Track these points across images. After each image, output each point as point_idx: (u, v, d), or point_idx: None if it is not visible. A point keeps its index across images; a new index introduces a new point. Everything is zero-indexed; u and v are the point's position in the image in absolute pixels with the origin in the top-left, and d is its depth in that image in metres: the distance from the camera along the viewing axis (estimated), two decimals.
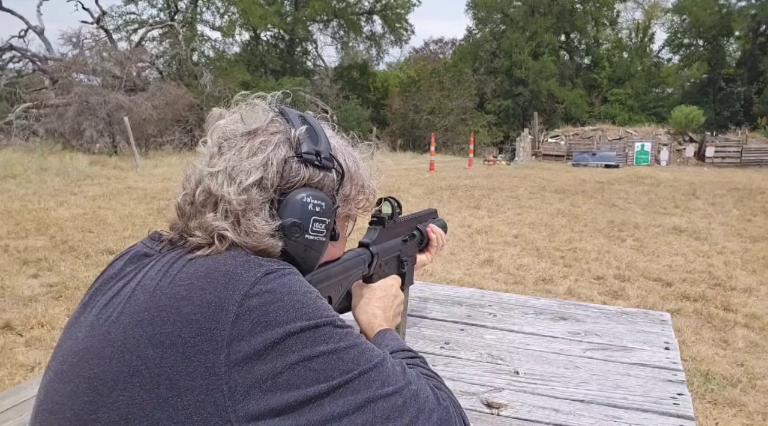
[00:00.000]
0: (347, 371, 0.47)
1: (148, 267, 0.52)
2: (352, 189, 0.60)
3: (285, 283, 0.48)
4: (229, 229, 0.51)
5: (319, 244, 0.56)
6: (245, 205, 0.52)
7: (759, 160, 12.86)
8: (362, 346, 0.50)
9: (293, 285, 0.49)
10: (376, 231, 0.78)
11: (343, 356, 0.47)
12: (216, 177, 0.52)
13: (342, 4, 22.69)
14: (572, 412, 0.68)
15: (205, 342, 0.44)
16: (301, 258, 0.55)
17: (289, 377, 0.44)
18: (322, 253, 0.57)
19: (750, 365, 2.34)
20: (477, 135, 16.54)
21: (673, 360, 0.82)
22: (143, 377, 0.45)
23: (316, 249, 0.56)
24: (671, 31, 23.05)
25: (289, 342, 0.45)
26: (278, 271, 0.49)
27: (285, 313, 0.46)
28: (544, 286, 3.40)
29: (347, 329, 0.50)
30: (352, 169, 0.60)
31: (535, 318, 0.99)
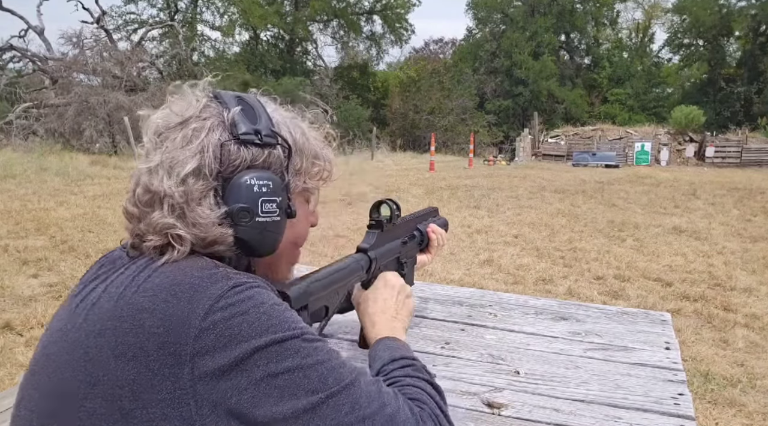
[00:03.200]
0: (314, 391, 0.45)
1: (117, 273, 0.50)
2: (304, 162, 0.57)
3: (251, 296, 0.47)
4: (178, 225, 0.49)
5: (274, 225, 0.53)
6: (186, 196, 0.49)
7: (759, 160, 12.86)
8: (332, 362, 0.48)
9: (260, 298, 0.47)
10: (374, 235, 0.76)
11: (309, 374, 0.45)
12: (155, 172, 0.50)
13: (342, 4, 22.69)
14: (573, 412, 0.68)
15: (169, 356, 0.43)
16: (257, 242, 0.53)
17: (254, 394, 0.43)
18: (279, 233, 0.55)
19: (750, 365, 2.34)
20: (477, 135, 16.55)
21: (673, 360, 0.82)
22: (105, 388, 0.44)
23: (272, 230, 0.53)
24: (671, 31, 23.06)
25: (255, 357, 0.44)
26: (245, 284, 0.47)
27: (250, 328, 0.45)
28: (544, 286, 3.40)
29: (317, 343, 0.48)
30: (300, 141, 0.57)
31: (535, 318, 0.98)
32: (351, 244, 4.43)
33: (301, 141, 0.57)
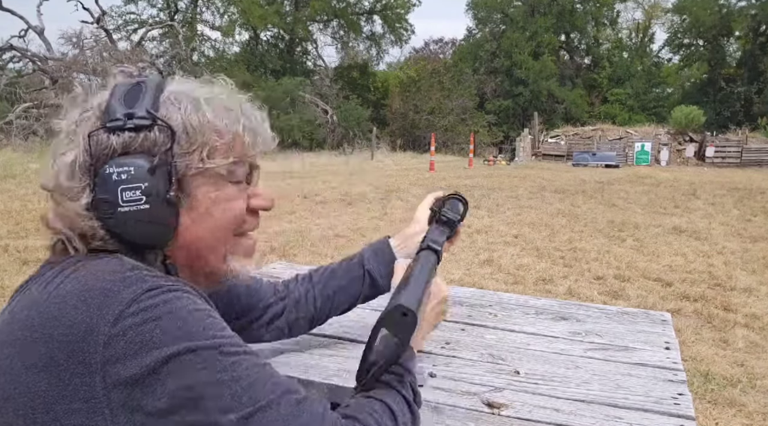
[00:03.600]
0: (225, 410, 0.42)
1: (36, 280, 0.48)
2: (198, 139, 0.50)
3: (167, 301, 0.44)
4: (58, 222, 0.48)
5: (144, 213, 0.48)
6: (62, 191, 0.48)
7: (759, 160, 12.86)
8: (249, 379, 0.44)
9: (177, 302, 0.44)
10: (443, 234, 0.71)
11: (222, 391, 0.43)
12: (46, 173, 0.50)
13: (342, 4, 22.72)
14: (573, 412, 0.67)
15: (78, 364, 0.41)
16: (130, 234, 0.49)
17: (169, 404, 0.42)
18: (158, 222, 0.50)
19: (750, 365, 2.34)
20: (477, 135, 16.56)
21: (673, 360, 0.82)
22: (17, 402, 0.42)
23: (143, 219, 0.49)
24: (671, 31, 23.08)
25: (169, 366, 0.42)
26: (161, 288, 0.45)
27: (163, 334, 0.42)
28: (544, 286, 3.40)
29: (236, 358, 0.44)
30: (192, 118, 0.51)
31: (535, 318, 0.98)
32: (351, 244, 4.43)
33: (193, 117, 0.51)
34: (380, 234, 4.55)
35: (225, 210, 0.53)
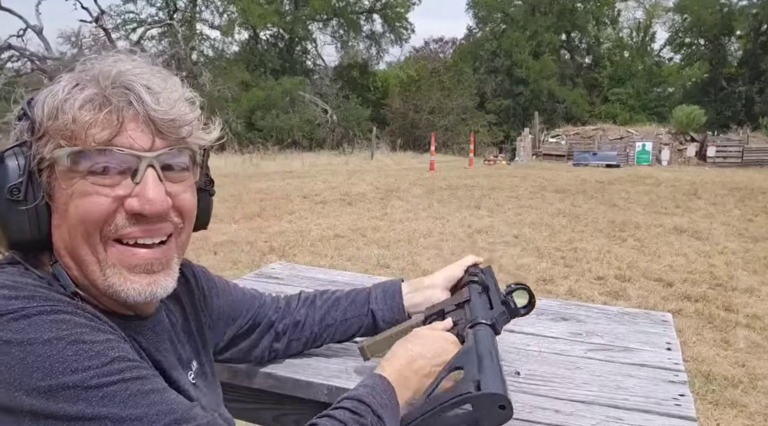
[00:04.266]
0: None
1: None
2: (47, 124, 0.45)
3: (20, 329, 0.39)
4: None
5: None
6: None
7: (760, 159, 12.84)
8: (121, 414, 0.39)
9: (32, 332, 0.39)
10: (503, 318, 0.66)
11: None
12: None
13: (342, 3, 22.71)
14: (573, 413, 0.67)
15: None
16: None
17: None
18: (7, 221, 0.45)
19: (751, 366, 2.33)
20: (477, 135, 16.54)
21: (674, 361, 0.82)
22: None
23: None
24: (672, 31, 23.04)
25: (28, 404, 0.37)
26: (16, 314, 0.39)
27: (9, 372, 0.38)
28: (545, 287, 3.39)
29: (108, 389, 0.39)
30: (47, 100, 0.45)
31: (536, 318, 0.98)
32: (351, 244, 4.42)
33: (50, 100, 0.45)
34: (380, 234, 4.52)
35: (77, 207, 0.45)
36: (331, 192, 7.22)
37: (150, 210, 0.46)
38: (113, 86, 0.45)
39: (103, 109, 0.44)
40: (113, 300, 0.49)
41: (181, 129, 0.48)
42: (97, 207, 0.45)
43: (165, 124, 0.47)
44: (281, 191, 7.12)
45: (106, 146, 0.44)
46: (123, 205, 0.46)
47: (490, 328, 0.63)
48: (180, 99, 0.48)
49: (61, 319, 0.41)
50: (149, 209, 0.46)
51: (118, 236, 0.47)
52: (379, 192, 7.29)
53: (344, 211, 5.94)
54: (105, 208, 0.46)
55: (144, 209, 0.46)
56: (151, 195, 0.46)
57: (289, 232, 4.74)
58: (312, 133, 18.27)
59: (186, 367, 0.58)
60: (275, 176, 8.84)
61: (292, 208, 5.97)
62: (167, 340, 0.56)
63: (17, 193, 0.45)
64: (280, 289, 1.01)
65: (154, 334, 0.54)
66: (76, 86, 0.45)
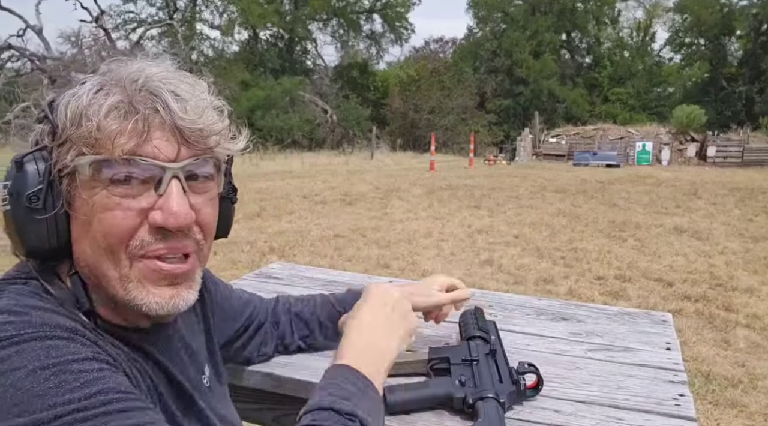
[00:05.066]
0: None
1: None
2: (70, 129, 0.43)
3: (5, 358, 0.37)
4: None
5: (7, 216, 0.44)
6: None
7: (760, 159, 12.84)
8: None
9: (18, 360, 0.37)
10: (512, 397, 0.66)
11: None
12: None
13: (342, 2, 22.72)
14: (573, 413, 0.67)
15: None
16: (11, 241, 0.46)
17: None
18: (22, 229, 0.44)
19: (751, 366, 2.33)
20: (477, 134, 16.55)
21: (674, 361, 0.82)
22: None
23: (6, 222, 0.44)
24: (672, 30, 23.05)
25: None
26: (5, 341, 0.38)
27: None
28: (545, 287, 3.39)
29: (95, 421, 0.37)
30: (70, 104, 0.44)
31: (536, 318, 0.98)
32: (351, 244, 4.42)
33: (73, 104, 0.43)
34: (380, 234, 4.50)
35: (100, 221, 0.43)
36: (331, 192, 7.22)
37: (174, 224, 0.44)
38: (140, 92, 0.44)
39: (129, 118, 0.43)
40: (132, 312, 0.48)
41: (209, 139, 0.46)
42: (122, 221, 0.44)
43: (192, 133, 0.45)
44: (281, 191, 7.12)
45: (130, 156, 0.43)
46: (147, 218, 0.45)
47: (501, 407, 0.63)
48: (208, 107, 0.46)
49: (54, 345, 0.39)
50: (173, 223, 0.44)
51: (143, 253, 0.45)
52: (379, 192, 7.29)
53: (344, 211, 5.93)
54: (129, 223, 0.44)
55: (168, 223, 0.44)
56: (175, 208, 0.44)
57: (289, 232, 4.74)
58: (312, 133, 18.27)
59: (200, 372, 0.58)
60: (275, 176, 8.84)
61: (291, 208, 5.97)
62: (182, 349, 0.55)
63: (36, 201, 0.43)
64: (280, 289, 1.01)
65: (169, 345, 0.53)
66: (101, 91, 0.44)
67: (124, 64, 0.46)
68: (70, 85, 0.46)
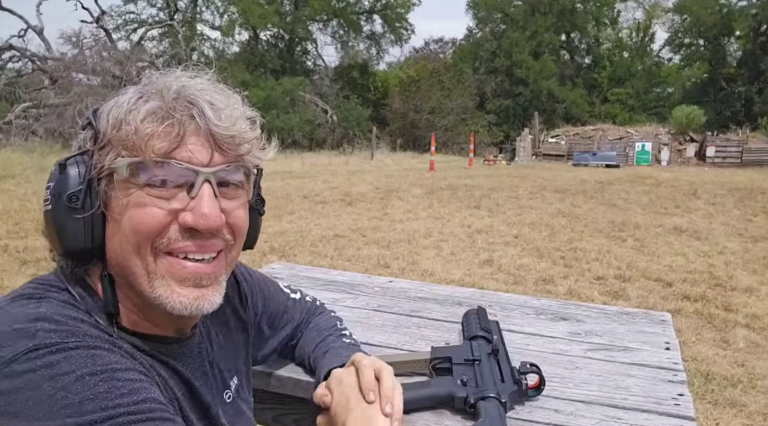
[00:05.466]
0: None
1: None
2: (110, 134, 0.45)
3: (52, 364, 0.39)
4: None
5: (48, 216, 0.46)
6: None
7: (760, 160, 12.85)
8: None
9: (65, 366, 0.39)
10: (513, 398, 0.66)
11: None
12: None
13: (342, 3, 22.71)
14: (573, 413, 0.67)
15: None
16: (49, 239, 0.48)
17: None
18: (61, 228, 0.45)
19: (751, 365, 2.34)
20: (477, 135, 16.55)
21: (673, 360, 0.82)
22: None
23: (47, 222, 0.46)
24: (672, 31, 23.06)
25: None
26: (51, 347, 0.40)
27: (38, 407, 0.37)
28: (545, 287, 3.39)
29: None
30: (112, 112, 0.46)
31: (535, 318, 0.98)
32: (351, 244, 4.42)
33: (114, 112, 0.46)
34: (380, 234, 4.50)
35: (131, 218, 0.45)
36: (331, 192, 7.22)
37: (204, 225, 0.46)
38: (176, 100, 0.46)
39: (164, 122, 0.45)
40: (158, 316, 0.49)
41: (241, 146, 0.48)
42: (152, 218, 0.46)
43: (225, 140, 0.47)
44: (281, 191, 7.12)
45: (165, 158, 0.45)
46: (177, 218, 0.46)
47: (502, 406, 0.63)
48: (241, 117, 0.49)
49: (98, 354, 0.41)
50: (203, 224, 0.46)
51: (169, 249, 0.47)
52: (379, 192, 7.29)
53: (344, 211, 5.94)
54: (159, 220, 0.46)
55: (198, 224, 0.46)
56: (206, 210, 0.46)
57: (289, 232, 4.74)
58: (312, 133, 18.26)
59: (225, 387, 0.58)
60: (275, 176, 8.83)
61: (292, 208, 5.97)
62: (206, 362, 0.56)
63: (75, 201, 0.45)
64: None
65: (191, 358, 0.54)
66: (141, 98, 0.46)
67: (163, 75, 0.49)
68: (115, 94, 0.48)
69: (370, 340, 0.86)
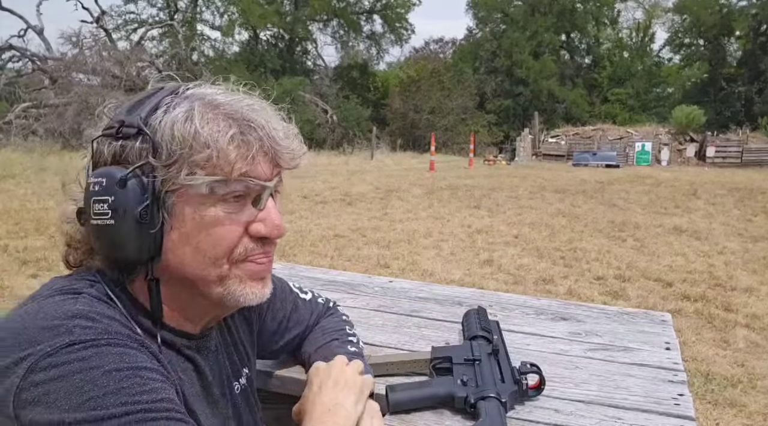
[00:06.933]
0: None
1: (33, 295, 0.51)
2: (179, 150, 0.46)
3: (85, 358, 0.41)
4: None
5: (111, 230, 0.46)
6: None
7: (760, 160, 12.86)
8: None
9: (96, 361, 0.42)
10: (514, 398, 0.67)
11: None
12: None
13: (342, 3, 22.71)
14: (573, 413, 0.67)
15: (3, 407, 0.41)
16: (101, 250, 0.48)
17: None
18: (127, 241, 0.46)
19: (750, 365, 2.34)
20: (477, 135, 16.55)
21: (673, 360, 0.82)
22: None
23: (107, 235, 0.47)
24: (672, 31, 23.06)
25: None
26: (84, 343, 0.42)
27: (66, 398, 0.40)
28: (545, 287, 3.39)
29: (156, 423, 0.41)
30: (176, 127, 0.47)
31: (535, 318, 0.98)
32: (351, 244, 4.42)
33: (180, 127, 0.47)
34: (380, 234, 4.50)
35: (209, 234, 0.48)
36: (331, 192, 7.22)
37: (277, 234, 0.52)
38: (247, 124, 0.49)
39: (242, 147, 0.48)
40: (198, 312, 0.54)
41: (294, 160, 0.53)
42: (231, 234, 0.50)
43: (285, 157, 0.52)
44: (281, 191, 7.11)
45: (243, 178, 0.49)
46: (247, 230, 0.51)
47: (502, 406, 0.63)
48: (296, 135, 0.54)
49: (127, 352, 0.44)
50: (277, 233, 0.52)
51: (244, 258, 0.52)
52: (379, 192, 7.29)
53: (344, 211, 5.94)
54: (236, 236, 0.50)
55: (272, 234, 0.52)
56: (278, 221, 0.52)
57: (289, 232, 4.74)
58: (312, 133, 18.26)
59: (237, 377, 0.63)
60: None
61: (292, 208, 5.97)
62: (223, 353, 0.61)
63: (146, 216, 0.47)
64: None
65: (211, 352, 0.59)
66: (205, 118, 0.48)
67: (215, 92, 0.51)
68: (147, 100, 0.49)
69: (370, 340, 0.86)
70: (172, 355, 0.52)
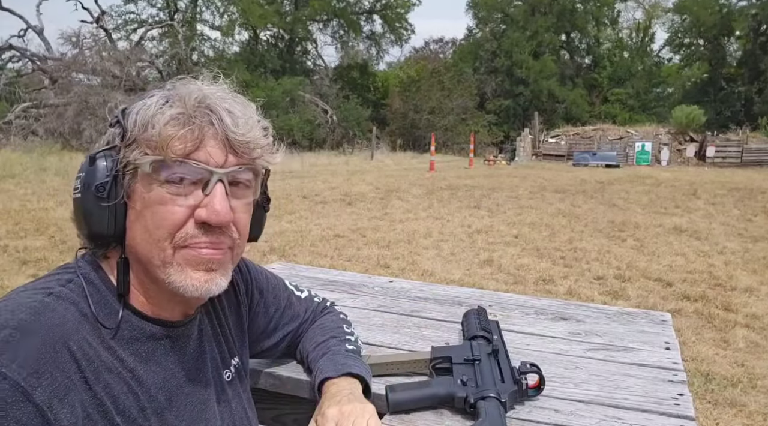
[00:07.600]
0: None
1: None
2: (137, 133, 0.50)
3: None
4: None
5: (77, 204, 0.51)
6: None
7: (760, 160, 12.86)
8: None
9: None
10: (513, 397, 0.67)
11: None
12: None
13: (342, 3, 22.70)
14: (573, 413, 0.67)
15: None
16: (75, 223, 0.53)
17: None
18: (89, 215, 0.51)
19: (750, 365, 2.34)
20: (477, 135, 16.55)
21: (673, 360, 0.82)
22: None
23: (76, 210, 0.52)
24: (672, 31, 23.06)
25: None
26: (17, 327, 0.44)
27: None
28: (545, 287, 3.39)
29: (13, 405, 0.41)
30: (139, 113, 0.50)
31: (535, 318, 0.98)
32: (351, 244, 4.42)
33: (143, 113, 0.50)
34: (380, 234, 4.50)
35: (153, 213, 0.51)
36: (331, 192, 7.22)
37: (215, 220, 0.51)
38: (197, 107, 0.51)
39: (186, 126, 0.50)
40: (165, 300, 0.54)
41: (254, 151, 0.53)
42: (172, 215, 0.51)
43: (240, 145, 0.52)
44: (281, 191, 7.12)
45: (184, 159, 0.50)
46: (193, 215, 0.51)
47: (502, 406, 0.63)
48: (256, 125, 0.54)
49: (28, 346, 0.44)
50: (215, 219, 0.51)
51: (186, 244, 0.52)
52: (379, 192, 7.29)
53: (344, 211, 5.94)
54: (179, 217, 0.51)
55: (210, 219, 0.51)
56: (218, 207, 0.51)
57: (289, 232, 4.75)
58: (312, 133, 18.26)
59: (225, 366, 0.63)
60: (275, 176, 8.80)
61: (292, 208, 5.97)
62: (211, 342, 0.62)
63: (102, 191, 0.50)
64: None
65: (192, 340, 0.59)
66: (166, 103, 0.51)
67: (187, 82, 0.54)
68: (141, 96, 0.53)
69: (370, 340, 0.86)
70: (139, 341, 0.53)
